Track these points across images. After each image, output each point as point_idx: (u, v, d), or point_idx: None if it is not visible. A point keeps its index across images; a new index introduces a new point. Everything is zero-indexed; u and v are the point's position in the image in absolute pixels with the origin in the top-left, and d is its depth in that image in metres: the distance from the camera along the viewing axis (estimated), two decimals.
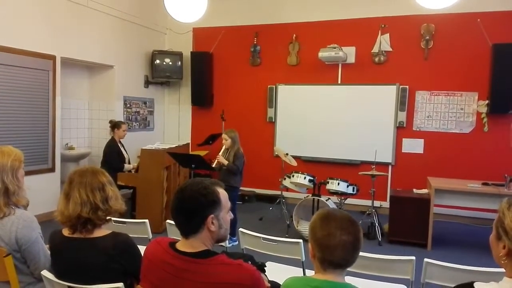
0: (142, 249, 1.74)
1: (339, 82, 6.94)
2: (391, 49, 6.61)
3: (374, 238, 5.11)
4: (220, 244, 1.72)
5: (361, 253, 1.53)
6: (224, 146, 4.97)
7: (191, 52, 7.72)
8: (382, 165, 6.34)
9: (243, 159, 4.91)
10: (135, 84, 7.41)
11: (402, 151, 6.59)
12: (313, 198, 5.20)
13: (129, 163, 5.91)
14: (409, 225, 4.95)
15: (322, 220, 1.46)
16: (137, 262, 1.74)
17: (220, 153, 4.94)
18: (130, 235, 1.89)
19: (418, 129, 6.52)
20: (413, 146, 6.53)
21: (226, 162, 4.82)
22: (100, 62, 6.55)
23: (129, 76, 7.19)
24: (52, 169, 5.73)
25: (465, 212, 6.02)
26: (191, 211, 1.53)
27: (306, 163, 6.93)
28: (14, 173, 2.07)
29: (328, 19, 6.90)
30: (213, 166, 4.95)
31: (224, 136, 4.98)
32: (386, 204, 5.93)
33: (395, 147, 6.59)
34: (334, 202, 5.41)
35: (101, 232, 1.84)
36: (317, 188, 5.31)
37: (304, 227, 5.17)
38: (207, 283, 1.45)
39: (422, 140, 6.50)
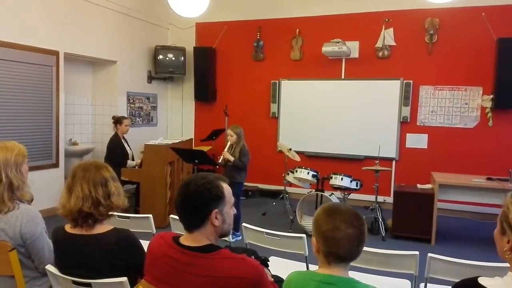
0: (146, 243, 1.75)
1: (343, 77, 6.90)
2: (395, 44, 6.57)
3: (378, 233, 5.10)
4: (223, 238, 1.72)
5: (365, 248, 1.53)
6: (229, 142, 4.93)
7: (194, 47, 7.71)
8: (386, 160, 6.33)
9: (248, 155, 4.88)
10: (138, 80, 7.41)
11: (406, 146, 6.56)
12: (317, 193, 5.19)
13: (132, 159, 5.92)
14: (413, 220, 4.94)
15: (327, 213, 1.46)
16: (140, 257, 1.75)
17: (226, 149, 4.89)
18: (134, 230, 1.89)
19: (422, 124, 6.49)
20: (417, 141, 6.50)
21: (232, 159, 4.78)
22: (103, 58, 6.55)
23: (132, 71, 7.19)
24: (56, 165, 5.75)
25: (469, 207, 6.00)
26: (196, 205, 1.53)
27: (310, 158, 6.92)
28: (18, 167, 2.07)
29: (332, 13, 6.86)
30: (219, 162, 4.92)
31: (229, 132, 4.93)
32: (389, 199, 5.92)
33: (399, 142, 6.57)
34: (338, 198, 5.40)
35: (103, 228, 1.84)
36: (321, 183, 5.30)
37: (307, 222, 5.17)
38: (210, 277, 1.46)
39: (426, 135, 6.47)
